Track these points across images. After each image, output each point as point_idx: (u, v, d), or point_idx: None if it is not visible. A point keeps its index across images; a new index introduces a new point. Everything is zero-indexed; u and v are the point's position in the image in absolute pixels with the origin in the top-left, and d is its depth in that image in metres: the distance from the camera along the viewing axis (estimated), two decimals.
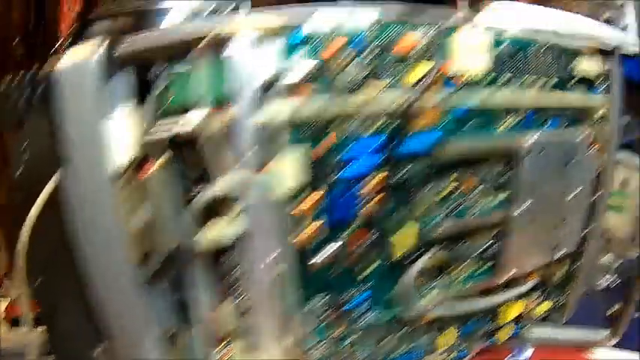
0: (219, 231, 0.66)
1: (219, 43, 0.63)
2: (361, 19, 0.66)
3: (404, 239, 0.73)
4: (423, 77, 0.67)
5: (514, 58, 0.79)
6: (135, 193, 0.68)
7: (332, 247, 0.68)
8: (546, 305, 1.00)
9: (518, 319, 0.98)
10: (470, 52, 0.72)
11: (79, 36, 0.88)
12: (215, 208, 0.67)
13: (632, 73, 1.15)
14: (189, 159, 0.69)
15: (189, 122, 0.64)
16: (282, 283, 0.68)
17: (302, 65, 0.62)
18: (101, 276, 0.70)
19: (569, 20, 0.91)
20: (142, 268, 0.70)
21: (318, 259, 0.68)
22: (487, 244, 0.84)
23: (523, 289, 0.92)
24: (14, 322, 1.14)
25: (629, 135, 1.26)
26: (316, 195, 0.66)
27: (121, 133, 0.67)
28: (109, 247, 0.68)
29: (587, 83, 0.94)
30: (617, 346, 1.11)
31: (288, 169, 0.64)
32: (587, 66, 0.93)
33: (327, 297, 0.73)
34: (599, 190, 0.98)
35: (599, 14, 1.15)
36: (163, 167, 0.68)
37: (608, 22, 1.15)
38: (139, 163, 0.68)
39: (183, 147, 0.69)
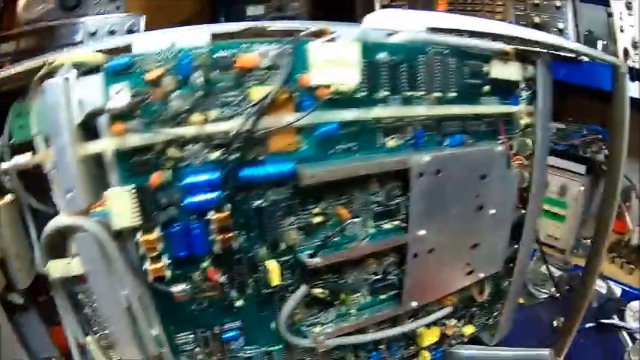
0: (64, 265, 0.54)
1: (48, 78, 0.51)
2: (191, 42, 0.51)
3: (268, 274, 0.57)
4: (263, 98, 0.51)
5: (397, 68, 0.61)
6: None
7: (181, 286, 0.54)
8: (471, 328, 0.81)
9: (439, 344, 0.80)
10: (332, 64, 0.55)
11: None
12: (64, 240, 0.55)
13: (572, 77, 0.94)
14: (35, 193, 0.58)
15: (24, 159, 0.53)
16: (137, 317, 0.56)
17: (123, 95, 0.49)
18: None
19: (479, 25, 0.71)
20: (6, 297, 0.60)
21: (173, 293, 0.55)
22: (382, 274, 0.66)
23: (437, 315, 0.74)
24: None
25: (567, 140, 1.04)
26: (153, 233, 0.52)
27: None
28: None
29: (504, 91, 0.74)
30: None
31: (119, 205, 0.50)
32: (502, 73, 0.73)
33: (197, 331, 0.60)
34: (525, 205, 0.78)
35: (529, 18, 0.94)
36: (12, 202, 0.57)
37: (539, 26, 0.94)
38: None
39: (29, 181, 0.58)
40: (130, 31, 0.83)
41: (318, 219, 0.59)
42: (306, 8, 1.08)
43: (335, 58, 0.55)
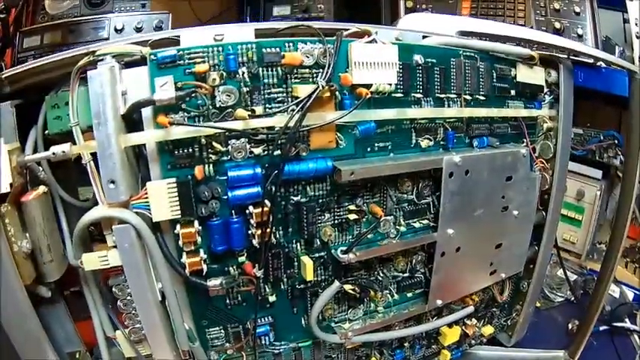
0: (99, 258, 0.54)
1: (89, 69, 0.51)
2: (237, 38, 0.52)
3: (303, 270, 0.58)
4: (307, 95, 0.52)
5: (431, 70, 0.62)
6: (19, 217, 0.57)
7: (216, 280, 0.54)
8: (490, 329, 0.82)
9: (459, 344, 0.80)
10: (372, 65, 0.56)
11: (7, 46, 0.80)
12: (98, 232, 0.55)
13: (589, 82, 0.95)
14: (69, 185, 0.58)
15: (62, 150, 0.53)
16: (171, 311, 0.56)
17: (169, 88, 0.49)
18: None
19: (504, 30, 0.73)
20: (35, 289, 0.59)
21: (208, 287, 0.55)
22: (409, 272, 0.67)
23: (460, 314, 0.75)
24: None
25: (584, 145, 1.05)
26: (192, 226, 0.53)
27: (2, 160, 0.55)
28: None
29: (529, 95, 0.75)
30: None
31: (159, 198, 0.51)
32: (528, 77, 0.75)
33: (228, 326, 0.60)
34: (546, 208, 0.79)
35: (550, 24, 0.95)
36: (45, 193, 0.57)
37: (558, 31, 0.95)
38: (21, 189, 0.57)
39: (63, 173, 0.58)
40: (157, 29, 0.83)
41: (353, 216, 0.59)
42: (332, 9, 1.10)
43: (375, 59, 0.56)
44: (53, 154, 0.54)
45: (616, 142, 0.96)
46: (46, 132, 0.59)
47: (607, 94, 0.93)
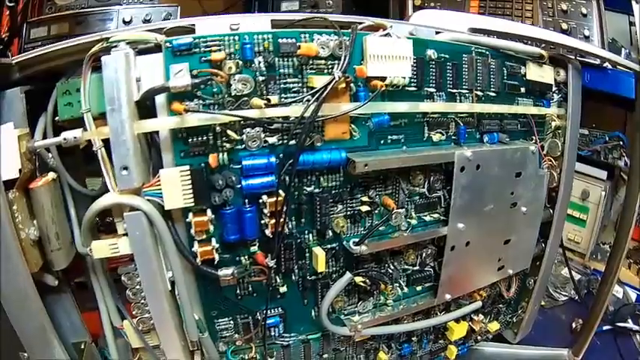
0: (109, 246, 0.53)
1: (102, 55, 0.50)
2: (253, 27, 0.51)
3: (314, 261, 0.57)
4: (323, 86, 0.51)
5: (443, 65, 0.62)
6: (27, 204, 0.56)
7: (227, 270, 0.53)
8: (496, 325, 0.82)
9: (465, 339, 0.80)
10: (387, 58, 0.56)
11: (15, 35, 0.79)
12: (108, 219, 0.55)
13: (596, 83, 0.95)
14: (79, 171, 0.58)
15: (74, 135, 0.52)
16: (180, 300, 0.55)
17: (184, 75, 0.49)
18: (2, 285, 0.57)
19: (514, 28, 0.73)
20: (42, 277, 0.58)
21: (219, 276, 0.54)
22: (419, 265, 0.67)
23: (468, 308, 0.75)
24: None
25: (589, 146, 1.05)
26: (205, 215, 0.52)
27: (11, 145, 0.55)
28: (6, 257, 0.55)
29: (538, 93, 0.76)
30: None
31: (172, 185, 0.50)
32: (537, 75, 0.75)
33: (237, 317, 0.60)
34: (554, 206, 0.79)
35: (557, 24, 0.95)
36: (54, 180, 0.56)
37: (565, 32, 0.96)
38: (30, 176, 0.56)
39: (71, 165, 0.57)
40: (165, 21, 0.83)
41: (365, 208, 0.59)
42: (341, 5, 1.09)
43: (389, 52, 0.56)
44: (64, 139, 0.54)
45: (621, 143, 0.97)
46: (57, 118, 0.58)
47: (613, 95, 0.93)
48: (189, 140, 0.51)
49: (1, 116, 0.56)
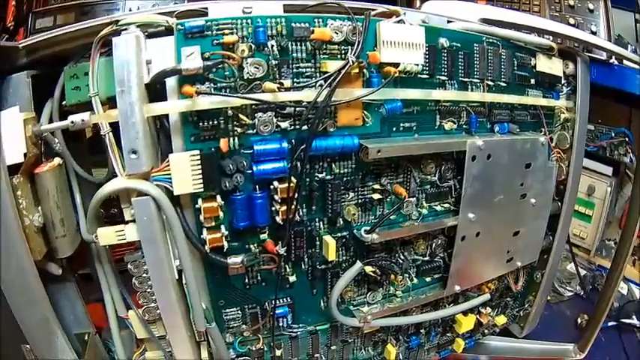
0: (115, 232, 0.52)
1: (111, 39, 0.49)
2: (266, 11, 0.50)
3: (325, 250, 0.56)
4: (337, 70, 0.50)
5: (455, 54, 0.62)
6: (32, 190, 0.55)
7: (237, 258, 0.52)
8: (503, 318, 0.81)
9: (473, 332, 0.79)
10: (400, 44, 0.55)
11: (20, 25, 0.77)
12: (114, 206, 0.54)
13: (602, 79, 0.95)
14: (84, 161, 0.57)
15: (82, 118, 0.51)
16: (188, 289, 0.54)
17: (196, 57, 0.47)
18: (4, 273, 0.55)
19: (525, 19, 0.72)
20: (45, 266, 0.57)
21: (228, 264, 0.53)
22: (429, 256, 0.66)
23: (477, 301, 0.74)
24: None
25: (595, 142, 1.05)
26: (215, 201, 0.51)
27: (17, 129, 0.53)
28: (8, 244, 0.54)
29: (547, 85, 0.75)
30: None
31: (182, 170, 0.49)
32: (547, 67, 0.74)
33: (245, 306, 0.59)
34: (562, 199, 0.78)
35: (564, 19, 0.95)
36: (60, 165, 0.55)
37: (572, 27, 0.95)
38: (35, 161, 0.55)
39: (78, 148, 0.56)
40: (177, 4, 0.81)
41: (376, 195, 0.58)
42: None
43: (402, 39, 0.55)
44: (72, 122, 0.52)
45: (627, 139, 0.96)
46: (64, 103, 0.57)
47: (619, 91, 0.93)
48: (200, 124, 0.50)
49: (7, 100, 0.55)
